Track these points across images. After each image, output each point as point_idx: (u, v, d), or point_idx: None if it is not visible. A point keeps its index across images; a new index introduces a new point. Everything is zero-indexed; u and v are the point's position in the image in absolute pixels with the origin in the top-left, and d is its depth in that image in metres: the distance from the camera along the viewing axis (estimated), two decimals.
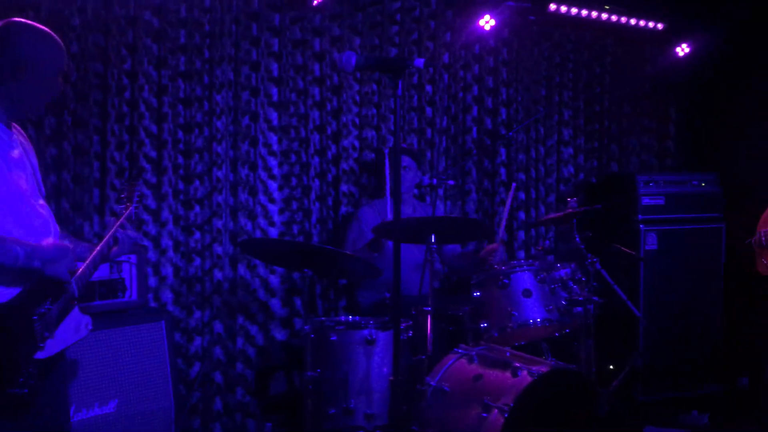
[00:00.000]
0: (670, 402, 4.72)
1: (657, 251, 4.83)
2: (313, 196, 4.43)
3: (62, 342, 2.34)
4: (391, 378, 2.61)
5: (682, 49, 5.37)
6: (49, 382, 2.31)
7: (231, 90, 4.20)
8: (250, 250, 3.95)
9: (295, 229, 4.40)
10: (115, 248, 2.54)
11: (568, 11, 4.86)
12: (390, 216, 3.93)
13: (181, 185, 4.07)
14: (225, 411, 4.16)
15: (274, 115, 4.33)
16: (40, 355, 2.24)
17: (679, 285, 4.86)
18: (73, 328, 2.39)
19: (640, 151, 5.67)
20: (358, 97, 4.59)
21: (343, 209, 4.56)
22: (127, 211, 2.63)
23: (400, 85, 2.31)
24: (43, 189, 2.44)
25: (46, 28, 2.34)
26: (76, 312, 2.41)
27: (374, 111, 4.64)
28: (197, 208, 4.10)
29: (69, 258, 2.29)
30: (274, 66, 4.32)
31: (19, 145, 2.36)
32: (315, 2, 4.23)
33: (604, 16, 4.97)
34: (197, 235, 4.10)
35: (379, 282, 4.03)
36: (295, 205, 4.40)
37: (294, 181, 4.39)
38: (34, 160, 2.45)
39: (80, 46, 3.73)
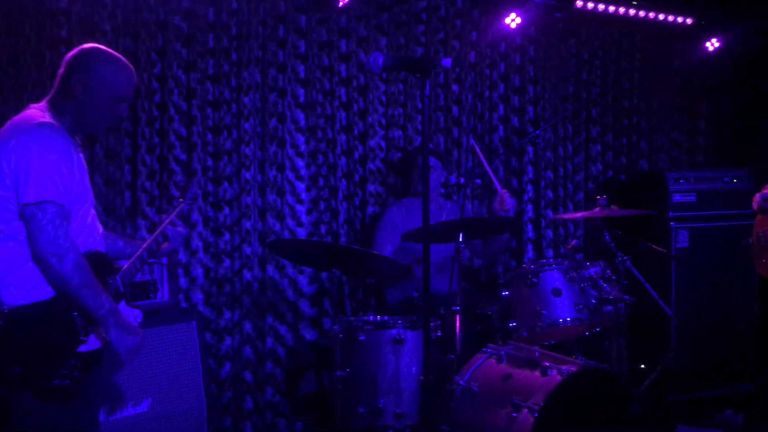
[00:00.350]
0: (703, 401, 4.65)
1: (688, 249, 4.76)
2: (340, 196, 4.45)
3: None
4: (421, 377, 2.62)
5: (712, 44, 5.30)
6: (95, 373, 2.41)
7: (258, 92, 4.23)
8: (279, 250, 3.98)
9: (323, 229, 4.43)
10: (165, 244, 2.66)
11: (595, 7, 4.81)
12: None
13: (210, 187, 4.12)
14: (255, 410, 4.20)
15: (301, 116, 4.36)
16: (83, 348, 2.34)
17: (712, 283, 4.79)
18: None
19: (670, 147, 5.61)
20: (384, 98, 4.60)
21: (370, 209, 4.57)
22: (178, 208, 2.72)
23: (428, 85, 2.30)
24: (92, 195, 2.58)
25: (119, 55, 2.48)
26: (122, 306, 2.50)
27: (400, 111, 4.65)
28: (226, 210, 4.15)
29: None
30: (301, 67, 4.35)
31: (83, 156, 2.51)
32: (341, 3, 4.25)
33: (632, 11, 4.92)
34: (227, 236, 4.14)
35: (407, 281, 4.03)
36: (322, 205, 4.42)
37: (321, 181, 4.42)
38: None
39: None
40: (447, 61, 2.30)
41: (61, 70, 2.43)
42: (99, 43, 3.74)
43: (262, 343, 4.24)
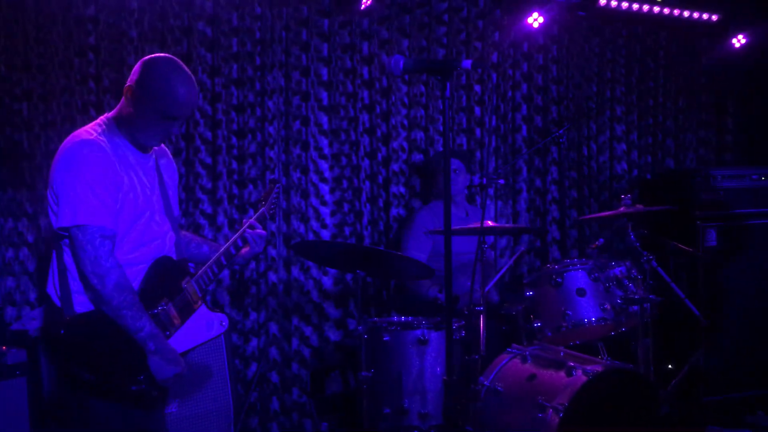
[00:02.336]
0: (734, 402, 4.59)
1: (717, 248, 4.71)
2: (363, 197, 4.47)
3: (193, 339, 2.44)
4: (445, 378, 2.64)
5: (738, 41, 5.24)
6: (192, 376, 2.49)
7: (282, 95, 4.27)
8: (303, 252, 4.01)
9: (347, 230, 4.45)
10: (245, 248, 2.63)
11: (619, 6, 4.79)
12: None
13: (235, 190, 4.16)
14: (282, 411, 4.23)
15: (324, 119, 4.39)
16: None
17: (741, 282, 4.73)
18: (203, 326, 2.48)
19: (697, 145, 5.55)
20: (406, 99, 4.62)
21: (394, 211, 4.59)
22: (258, 213, 2.73)
23: (448, 87, 2.31)
24: (173, 208, 2.53)
25: (181, 68, 2.37)
26: (204, 310, 2.49)
27: (422, 112, 4.66)
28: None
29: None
30: (324, 70, 4.38)
31: (153, 166, 2.46)
32: (363, 6, 4.28)
33: (656, 9, 4.89)
34: None
35: (431, 281, 4.04)
36: (346, 207, 4.45)
37: (345, 183, 4.44)
38: (171, 179, 2.55)
39: (137, 57, 3.83)
40: (467, 63, 2.30)
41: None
42: (125, 50, 3.83)
43: (288, 344, 4.28)
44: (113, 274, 2.22)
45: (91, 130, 2.34)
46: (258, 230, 2.65)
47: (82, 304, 2.27)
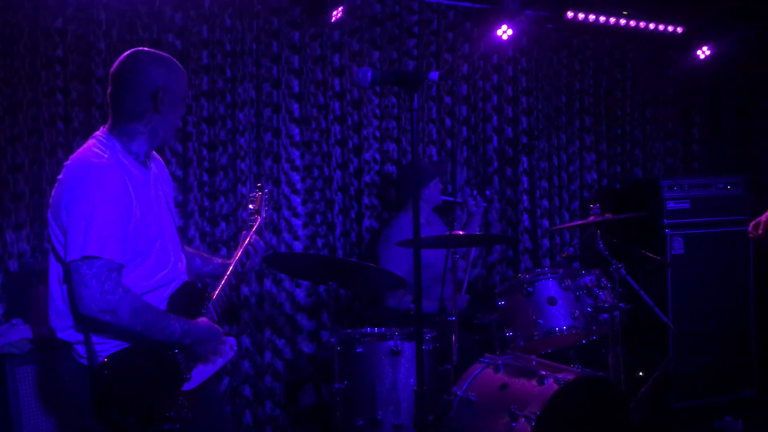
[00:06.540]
0: (703, 408, 4.66)
1: (684, 256, 4.78)
2: (336, 209, 4.47)
3: (210, 368, 2.36)
4: (415, 388, 2.65)
5: (703, 52, 5.34)
6: (202, 411, 2.31)
7: (253, 107, 4.27)
8: (276, 264, 3.99)
9: (320, 242, 4.45)
10: (247, 263, 2.60)
11: (586, 18, 4.86)
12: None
13: (206, 202, 4.14)
14: (255, 424, 4.20)
15: (296, 131, 4.39)
16: (187, 386, 2.24)
17: (708, 289, 4.81)
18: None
19: (664, 155, 5.64)
20: (378, 111, 4.64)
21: (366, 222, 4.59)
22: (256, 225, 2.67)
23: (416, 99, 2.32)
24: (176, 217, 2.45)
25: (167, 54, 2.35)
26: None
27: (394, 124, 4.68)
28: (223, 225, 4.17)
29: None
30: (295, 82, 4.38)
31: (154, 181, 2.35)
32: (333, 19, 4.29)
33: (623, 21, 4.97)
34: (223, 251, 4.16)
35: (404, 292, 4.04)
36: (318, 218, 4.45)
37: (317, 195, 4.44)
38: (168, 187, 2.45)
39: (106, 70, 3.82)
40: (434, 75, 2.32)
41: (111, 89, 2.26)
42: (93, 62, 3.80)
43: (261, 357, 4.25)
44: (125, 303, 2.08)
45: (98, 150, 2.19)
46: (258, 243, 2.63)
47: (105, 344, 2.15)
